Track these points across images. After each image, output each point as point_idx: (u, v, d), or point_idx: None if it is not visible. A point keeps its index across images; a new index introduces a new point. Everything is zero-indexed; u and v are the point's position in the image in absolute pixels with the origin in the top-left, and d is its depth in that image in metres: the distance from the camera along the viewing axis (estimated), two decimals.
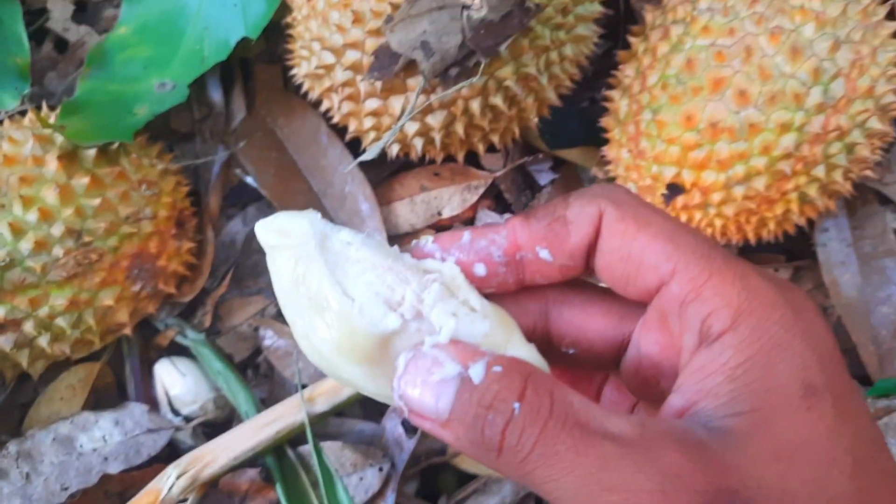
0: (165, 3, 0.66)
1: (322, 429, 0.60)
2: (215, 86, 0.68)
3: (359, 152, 0.56)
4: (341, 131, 0.62)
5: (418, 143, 0.58)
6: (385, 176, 0.67)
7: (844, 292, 0.60)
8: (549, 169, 0.68)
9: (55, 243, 0.54)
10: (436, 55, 0.50)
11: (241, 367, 0.64)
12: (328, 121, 0.63)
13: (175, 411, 0.61)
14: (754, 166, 0.52)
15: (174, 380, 0.61)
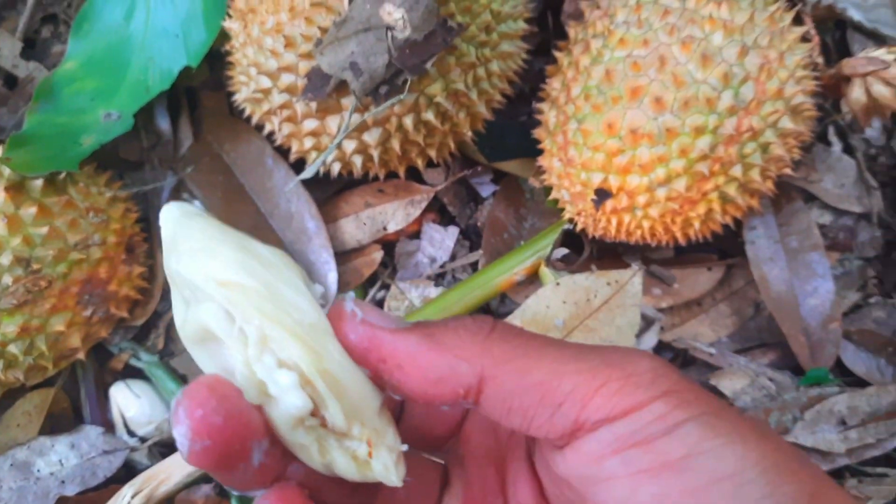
0: (111, 37, 0.68)
1: None
2: (162, 115, 0.70)
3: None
4: (286, 153, 0.64)
5: (357, 160, 0.60)
6: (330, 194, 0.69)
7: (774, 286, 0.63)
8: (490, 181, 0.70)
9: (4, 272, 0.55)
10: (364, 75, 0.52)
11: None
12: (272, 143, 0.65)
13: (131, 433, 0.63)
14: (674, 169, 0.54)
15: (129, 402, 0.63)
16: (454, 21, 0.53)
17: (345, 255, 0.67)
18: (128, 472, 0.61)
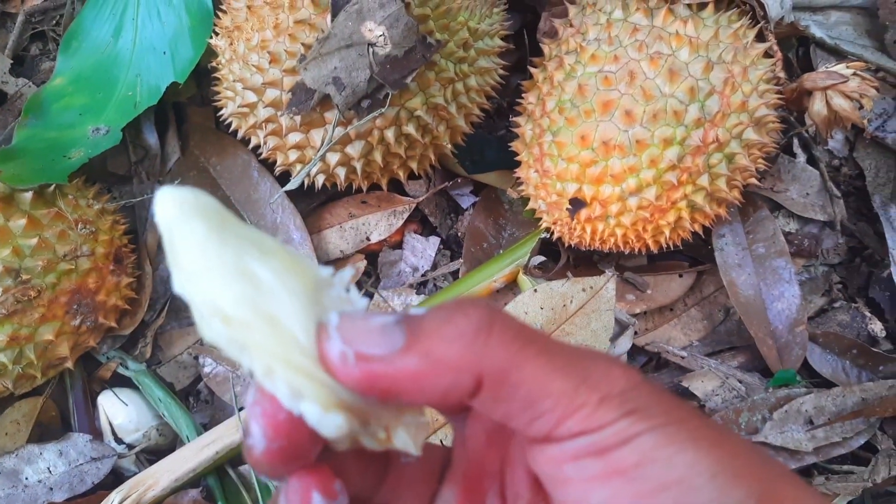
0: (99, 54, 0.70)
1: None
2: (150, 129, 0.71)
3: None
4: (271, 166, 0.66)
5: (341, 172, 0.62)
6: (315, 206, 0.71)
7: (742, 292, 0.65)
8: (470, 192, 0.72)
9: None
10: (347, 89, 0.54)
11: (183, 395, 0.67)
12: (258, 156, 0.67)
13: (119, 440, 0.64)
14: (644, 178, 0.57)
15: (117, 410, 0.64)
16: (433, 38, 0.55)
17: (329, 264, 0.69)
18: (115, 479, 0.62)
